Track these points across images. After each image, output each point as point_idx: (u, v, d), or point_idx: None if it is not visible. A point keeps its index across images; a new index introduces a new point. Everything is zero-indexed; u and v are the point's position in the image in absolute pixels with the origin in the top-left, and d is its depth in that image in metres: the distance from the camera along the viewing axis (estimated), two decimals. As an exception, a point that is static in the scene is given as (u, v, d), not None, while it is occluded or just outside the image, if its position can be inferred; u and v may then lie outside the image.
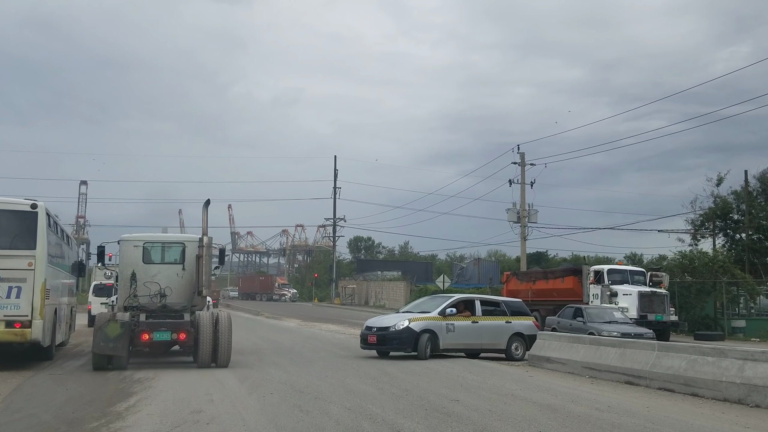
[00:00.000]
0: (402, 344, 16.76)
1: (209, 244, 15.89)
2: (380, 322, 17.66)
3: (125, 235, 16.70)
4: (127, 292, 15.72)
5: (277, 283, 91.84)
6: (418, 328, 16.77)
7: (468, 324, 17.43)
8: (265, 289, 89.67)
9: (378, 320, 18.15)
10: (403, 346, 16.74)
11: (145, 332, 14.51)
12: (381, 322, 17.74)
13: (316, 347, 20.97)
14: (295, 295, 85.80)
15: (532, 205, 41.13)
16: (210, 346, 14.63)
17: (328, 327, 32.92)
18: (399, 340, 16.76)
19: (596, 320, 21.41)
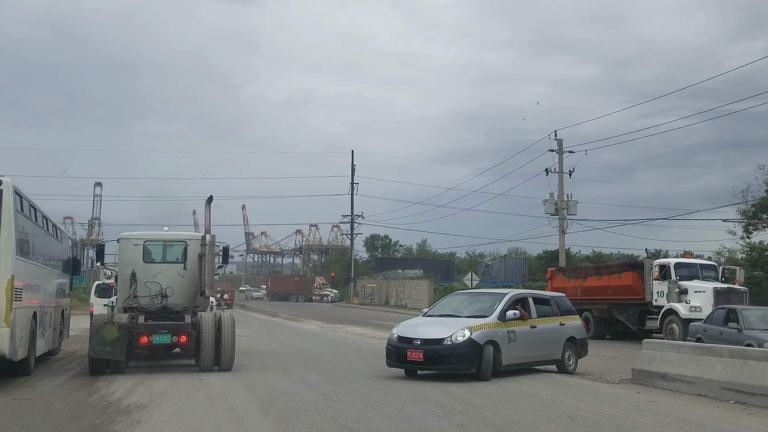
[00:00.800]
0: (463, 362, 12.07)
1: (212, 242, 14.96)
2: (425, 332, 12.61)
3: (125, 234, 15.84)
4: (126, 293, 14.82)
5: (316, 283, 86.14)
6: (481, 339, 12.21)
7: (527, 330, 13.23)
8: (301, 289, 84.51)
9: (417, 327, 13.11)
10: (465, 365, 12.08)
11: (144, 335, 13.56)
12: (425, 331, 12.64)
13: (348, 356, 17.50)
14: (336, 295, 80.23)
15: (570, 196, 37.54)
16: (212, 349, 13.68)
17: (353, 330, 29.48)
18: (459, 358, 12.06)
19: (758, 326, 15.96)
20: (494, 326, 12.60)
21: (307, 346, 20.93)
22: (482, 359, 12.16)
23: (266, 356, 17.47)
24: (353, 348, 20.03)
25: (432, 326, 12.94)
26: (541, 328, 13.61)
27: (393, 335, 13.25)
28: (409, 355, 12.41)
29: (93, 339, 13.06)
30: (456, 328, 12.39)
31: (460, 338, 12.16)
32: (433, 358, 12.29)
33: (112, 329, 13.09)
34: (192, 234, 16.43)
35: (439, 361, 12.30)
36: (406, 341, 12.67)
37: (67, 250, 19.75)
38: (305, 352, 18.77)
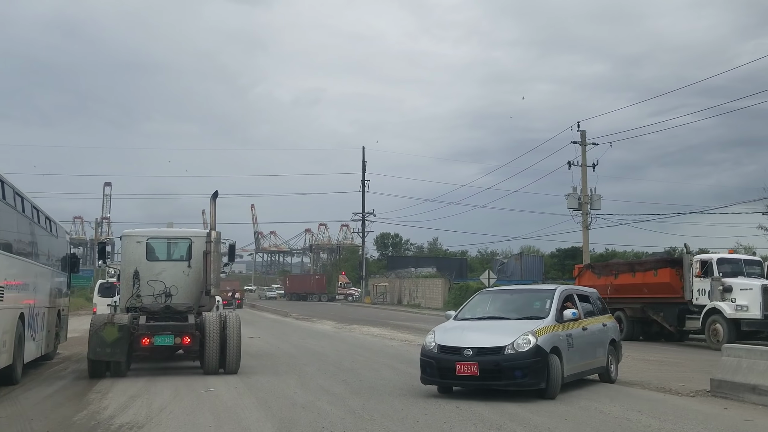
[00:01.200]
0: (530, 376, 9.58)
1: (218, 240, 14.33)
2: (476, 340, 10.01)
3: (127, 231, 15.29)
4: (129, 292, 14.22)
5: (340, 282, 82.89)
6: (547, 345, 9.81)
7: (581, 333, 11.05)
8: (322, 288, 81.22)
9: (463, 333, 10.48)
10: (533, 379, 9.62)
11: (146, 336, 12.86)
12: (477, 339, 10.06)
13: (371, 361, 15.78)
14: (359, 294, 77.63)
15: (594, 190, 35.74)
16: (217, 351, 13.03)
17: (370, 331, 27.79)
18: (525, 370, 9.55)
19: None
20: (553, 329, 10.28)
21: (324, 349, 19.24)
22: (550, 371, 9.72)
23: (280, 361, 15.80)
24: (375, 352, 18.31)
25: (482, 332, 10.40)
26: (590, 329, 11.55)
27: (429, 344, 10.45)
28: (459, 369, 9.69)
29: (92, 340, 12.42)
30: (516, 333, 9.84)
31: (525, 346, 9.59)
32: (493, 372, 9.65)
33: (112, 330, 12.46)
34: (197, 231, 15.59)
35: (501, 375, 9.64)
36: (452, 351, 9.93)
37: (64, 246, 18.14)
38: (322, 356, 17.08)
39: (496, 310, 11.49)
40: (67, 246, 18.57)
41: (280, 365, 14.97)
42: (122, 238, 15.08)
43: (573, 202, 35.51)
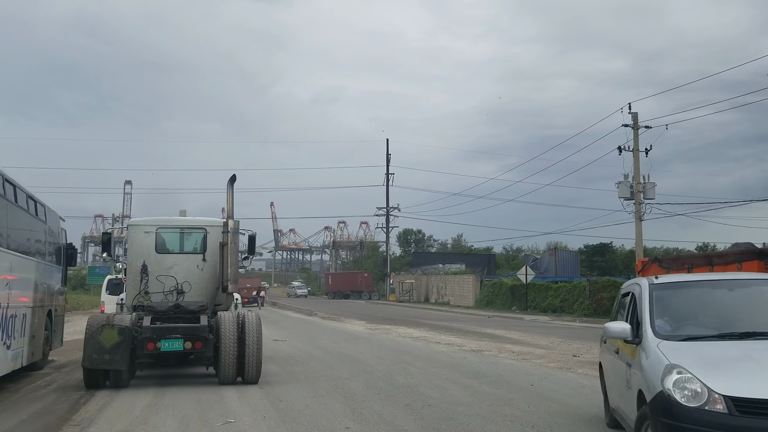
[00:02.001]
0: None
1: (236, 229, 12.72)
2: None
3: (134, 219, 14.22)
4: (136, 288, 12.59)
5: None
6: None
7: None
8: (369, 286, 75.86)
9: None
10: None
11: (151, 340, 11.01)
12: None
13: (428, 374, 12.61)
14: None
15: (648, 178, 32.31)
16: (234, 357, 11.20)
17: (406, 332, 24.64)
18: None
19: None
20: None
21: (364, 355, 16.10)
22: None
23: (315, 372, 12.71)
24: (426, 360, 15.13)
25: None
26: None
27: (693, 393, 4.87)
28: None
29: (88, 345, 10.64)
30: None
31: None
32: None
33: (110, 333, 10.68)
34: (212, 219, 13.51)
35: None
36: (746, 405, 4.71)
37: (56, 234, 15.16)
38: (365, 365, 13.94)
39: (745, 317, 6.33)
40: (61, 235, 15.59)
41: (317, 379, 11.88)
42: (128, 227, 13.38)
43: (625, 191, 32.11)
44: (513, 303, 44.25)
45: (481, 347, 18.24)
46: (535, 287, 42.16)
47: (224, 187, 13.03)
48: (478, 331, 25.34)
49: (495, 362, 14.51)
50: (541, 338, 22.06)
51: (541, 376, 12.11)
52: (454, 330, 26.06)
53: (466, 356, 15.72)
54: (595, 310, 36.41)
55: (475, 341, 20.47)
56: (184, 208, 14.61)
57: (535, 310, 40.78)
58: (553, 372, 12.87)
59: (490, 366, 13.78)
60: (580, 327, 30.07)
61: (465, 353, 16.58)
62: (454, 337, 21.97)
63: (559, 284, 41.55)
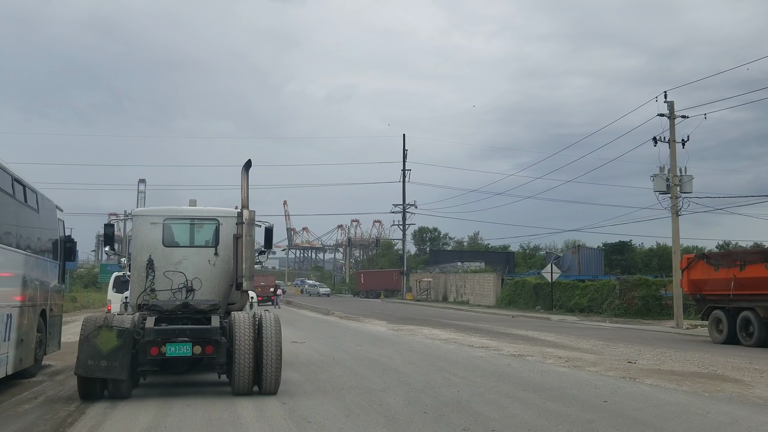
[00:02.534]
0: None
1: (252, 220, 11.22)
2: None
3: (139, 209, 12.60)
4: (142, 286, 11.21)
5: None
6: None
7: None
8: (400, 285, 74.90)
9: None
10: None
11: (155, 344, 9.51)
12: None
13: (476, 385, 10.81)
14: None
15: (685, 170, 30.29)
16: (251, 364, 9.67)
17: (432, 333, 22.86)
18: None
19: None
20: None
21: (394, 361, 14.32)
22: None
23: (343, 382, 10.96)
24: (467, 368, 13.31)
25: None
26: None
27: None
28: None
29: (82, 350, 9.21)
30: None
31: None
32: None
33: (108, 336, 9.24)
34: (226, 210, 12.09)
35: None
36: None
37: (52, 226, 13.50)
38: (400, 374, 12.15)
39: None
40: (57, 226, 13.91)
41: (347, 390, 10.13)
42: (133, 218, 11.89)
43: (660, 184, 30.10)
44: (537, 302, 42.34)
45: (520, 351, 16.43)
46: (561, 286, 40.23)
47: (238, 184, 11.40)
48: (509, 333, 23.52)
49: (545, 370, 12.69)
50: (580, 341, 20.22)
51: (609, 389, 10.27)
52: (483, 331, 24.25)
53: (510, 363, 13.90)
54: (626, 311, 34.51)
55: (511, 344, 18.66)
56: (194, 198, 13.02)
57: (561, 309, 38.88)
58: (619, 383, 11.03)
59: (542, 375, 11.95)
60: (614, 328, 28.13)
61: (506, 359, 14.77)
62: (487, 339, 20.17)
63: (586, 283, 39.61)
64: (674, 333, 25.97)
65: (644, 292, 34.65)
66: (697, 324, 28.82)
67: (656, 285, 35.14)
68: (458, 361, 14.36)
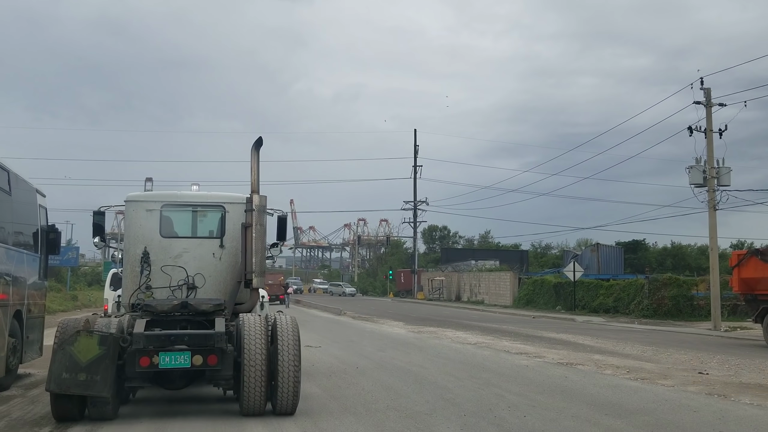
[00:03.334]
0: None
1: (262, 207, 9.38)
2: None
3: (134, 194, 10.20)
4: (135, 282, 9.43)
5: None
6: None
7: None
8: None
9: None
10: None
11: (146, 354, 7.65)
12: None
13: (542, 407, 8.76)
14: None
15: (722, 162, 28.14)
16: (263, 377, 7.79)
17: (458, 336, 20.84)
18: None
19: None
20: None
21: (428, 371, 12.27)
22: None
23: (375, 398, 8.97)
24: (513, 379, 11.26)
25: None
26: None
27: None
28: None
29: (56, 361, 7.50)
30: None
31: None
32: None
33: (87, 344, 7.54)
34: (233, 195, 10.26)
35: None
36: None
37: (30, 213, 11.51)
38: (440, 388, 10.11)
39: None
40: (38, 214, 11.91)
41: (382, 412, 8.12)
42: (126, 203, 9.97)
43: (697, 176, 27.94)
44: (557, 302, 40.21)
45: (566, 358, 14.38)
46: (584, 285, 38.10)
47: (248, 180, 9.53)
48: (540, 335, 21.44)
49: (613, 385, 10.62)
50: (624, 345, 18.16)
51: (712, 413, 8.21)
52: (511, 334, 22.19)
53: (566, 374, 11.83)
54: (655, 311, 32.36)
55: (550, 349, 16.61)
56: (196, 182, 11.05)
57: (584, 310, 36.75)
58: (716, 404, 8.97)
59: (614, 392, 9.89)
60: (648, 330, 25.98)
61: (556, 368, 12.71)
62: (520, 344, 18.12)
63: (610, 282, 37.45)
64: (715, 336, 23.83)
65: (675, 292, 32.51)
66: (737, 326, 26.73)
67: (687, 284, 33.00)
68: (502, 371, 12.29)
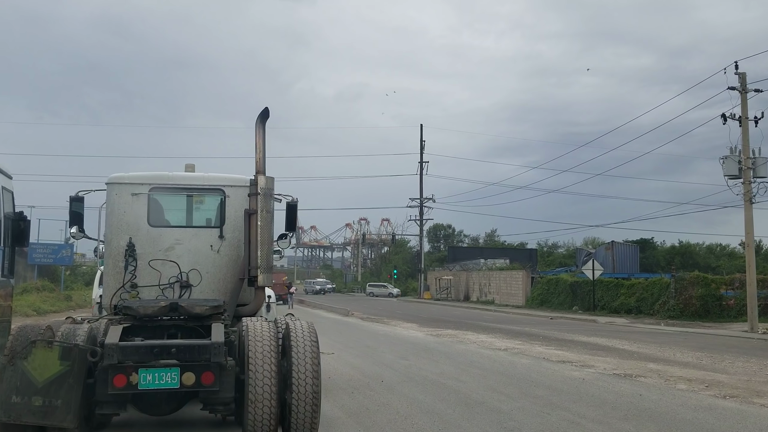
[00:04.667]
0: None
1: (269, 190, 7.57)
2: None
3: (117, 175, 8.08)
4: (119, 280, 7.62)
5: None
6: None
7: None
8: None
9: None
10: None
11: (122, 371, 5.79)
12: None
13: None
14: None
15: (759, 152, 26.11)
16: (273, 400, 5.85)
17: (481, 339, 18.84)
18: None
19: None
20: None
21: (470, 387, 10.21)
22: None
23: (413, 425, 6.96)
24: (576, 397, 9.21)
25: None
26: None
27: None
28: None
29: (5, 380, 5.63)
30: None
31: None
32: None
33: (46, 358, 5.67)
34: (234, 177, 8.31)
35: None
36: None
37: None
38: (497, 413, 8.05)
39: None
40: (2, 198, 9.85)
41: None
42: (108, 186, 8.07)
43: (732, 167, 25.88)
44: (574, 302, 38.12)
45: (622, 369, 12.36)
46: (602, 285, 36.00)
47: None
48: (571, 339, 19.39)
49: (706, 406, 8.57)
50: (671, 351, 16.19)
51: None
52: (538, 337, 20.14)
53: (638, 391, 9.76)
54: (682, 312, 30.28)
55: (594, 356, 14.58)
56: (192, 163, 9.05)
57: (604, 310, 34.68)
58: None
59: (716, 417, 7.85)
60: (680, 333, 23.89)
61: (621, 383, 10.66)
62: (556, 349, 16.09)
63: (632, 281, 35.37)
64: (758, 339, 21.80)
65: (702, 291, 30.43)
66: (774, 327, 24.79)
67: (716, 283, 30.91)
68: (557, 386, 10.22)
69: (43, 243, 38.79)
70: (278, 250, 9.99)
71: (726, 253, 72.78)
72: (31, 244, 38.26)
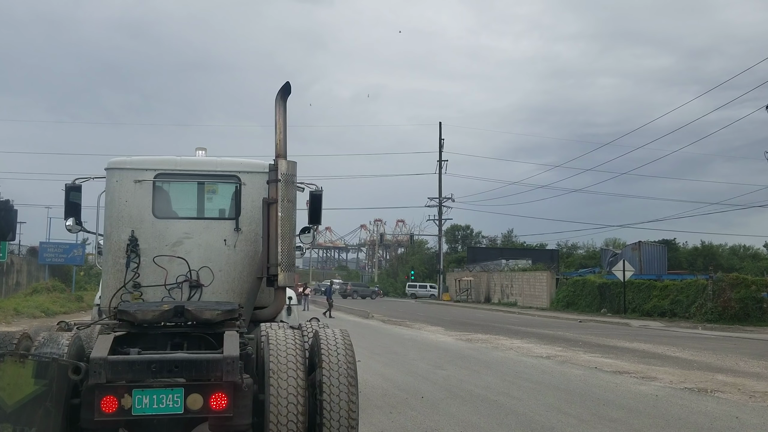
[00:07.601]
0: None
1: (291, 176, 6.41)
2: None
3: (118, 159, 7.01)
4: (119, 279, 6.60)
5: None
6: None
7: None
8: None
9: None
10: None
11: (110, 393, 4.36)
12: None
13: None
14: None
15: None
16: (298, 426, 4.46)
17: (516, 345, 17.33)
18: None
19: None
20: None
21: (524, 404, 8.72)
22: None
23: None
24: (656, 419, 7.72)
25: None
26: None
27: None
28: None
29: None
30: None
31: None
32: None
33: (17, 376, 4.33)
34: (251, 162, 7.20)
35: None
36: None
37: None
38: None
39: None
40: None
41: None
42: (107, 171, 6.92)
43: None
44: (602, 304, 36.44)
45: (692, 382, 10.82)
46: (633, 286, 34.31)
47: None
48: (613, 345, 17.83)
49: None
50: (728, 358, 14.67)
51: None
52: (577, 342, 18.59)
53: (736, 414, 8.22)
54: (720, 315, 28.55)
55: (651, 366, 13.04)
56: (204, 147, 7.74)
57: (635, 313, 33.00)
58: None
59: None
60: (722, 337, 22.22)
61: (702, 401, 9.12)
62: (602, 357, 14.57)
63: (665, 282, 33.63)
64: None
65: (742, 294, 28.70)
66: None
67: (756, 285, 29.16)
68: (628, 404, 8.69)
69: (54, 242, 37.61)
70: (300, 246, 8.62)
71: (750, 254, 70.76)
72: (42, 243, 37.14)
